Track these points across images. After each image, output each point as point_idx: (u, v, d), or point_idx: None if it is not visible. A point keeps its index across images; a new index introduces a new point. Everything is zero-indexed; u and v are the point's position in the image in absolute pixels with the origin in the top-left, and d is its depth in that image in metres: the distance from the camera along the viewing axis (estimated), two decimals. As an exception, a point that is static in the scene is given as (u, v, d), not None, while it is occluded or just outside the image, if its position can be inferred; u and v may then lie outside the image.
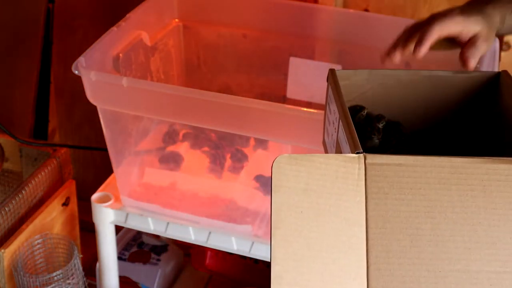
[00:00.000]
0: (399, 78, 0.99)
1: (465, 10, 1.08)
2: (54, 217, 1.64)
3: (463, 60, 1.07)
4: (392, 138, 0.99)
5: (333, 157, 0.76)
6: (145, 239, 1.91)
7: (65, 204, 1.67)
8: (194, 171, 1.55)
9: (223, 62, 1.71)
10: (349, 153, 0.80)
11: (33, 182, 1.59)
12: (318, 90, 1.62)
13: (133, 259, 1.86)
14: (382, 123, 0.98)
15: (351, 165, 0.76)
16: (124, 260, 1.85)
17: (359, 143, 0.79)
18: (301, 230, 0.74)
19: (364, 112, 0.99)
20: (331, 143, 0.95)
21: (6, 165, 1.80)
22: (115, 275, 1.62)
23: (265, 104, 1.25)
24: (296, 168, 0.75)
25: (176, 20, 1.67)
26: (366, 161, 0.76)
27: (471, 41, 1.07)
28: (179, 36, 1.68)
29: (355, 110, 1.00)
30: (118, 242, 1.74)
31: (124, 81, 1.31)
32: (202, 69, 1.73)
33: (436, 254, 0.75)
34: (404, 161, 0.76)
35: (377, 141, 0.97)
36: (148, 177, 1.54)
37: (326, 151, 1.01)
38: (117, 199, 1.52)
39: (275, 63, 1.66)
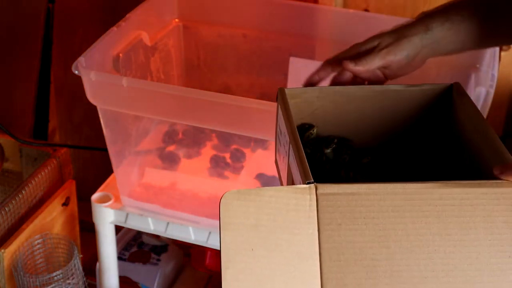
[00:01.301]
0: (350, 95, 0.97)
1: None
2: (54, 217, 1.64)
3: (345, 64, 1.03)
4: (344, 156, 0.96)
5: (282, 189, 0.74)
6: (145, 239, 1.91)
7: (65, 204, 1.67)
8: (194, 171, 1.55)
9: (223, 62, 1.71)
10: (299, 181, 0.78)
11: (33, 182, 1.59)
12: (318, 90, 1.62)
13: (133, 259, 1.86)
14: (331, 147, 0.96)
15: (302, 196, 0.74)
16: (124, 260, 1.85)
17: (309, 173, 0.77)
18: (252, 268, 0.72)
19: (314, 131, 0.96)
20: (283, 166, 0.93)
21: (6, 165, 1.79)
22: (115, 275, 1.62)
23: (265, 104, 1.25)
24: (245, 204, 0.73)
25: (176, 20, 1.67)
26: (318, 191, 0.74)
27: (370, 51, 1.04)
28: (179, 36, 1.68)
29: (304, 129, 0.98)
30: (118, 242, 1.74)
31: (124, 81, 1.31)
32: (202, 69, 1.73)
33: (392, 285, 0.74)
34: (356, 189, 0.74)
35: (327, 167, 0.95)
36: (148, 177, 1.54)
37: (278, 172, 0.98)
38: (117, 199, 1.52)
39: (275, 63, 1.66)
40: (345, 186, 0.74)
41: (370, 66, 1.02)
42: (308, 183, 0.74)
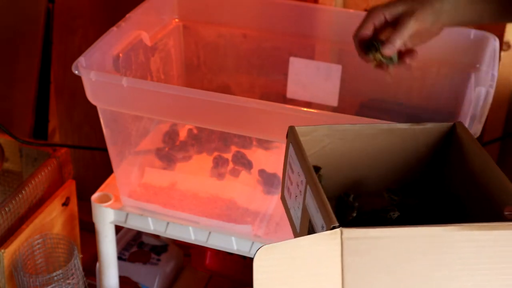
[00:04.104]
0: (358, 132, 0.99)
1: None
2: (54, 217, 1.63)
3: (384, 45, 1.09)
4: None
5: (309, 238, 0.75)
6: (145, 239, 1.91)
7: (65, 204, 1.67)
8: (194, 171, 1.55)
9: (223, 62, 1.71)
10: (321, 223, 0.80)
11: (33, 182, 1.59)
12: (318, 90, 1.62)
13: (133, 259, 1.86)
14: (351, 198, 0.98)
15: (328, 242, 0.75)
16: (124, 260, 1.85)
17: (334, 217, 0.78)
18: None
19: (320, 173, 0.98)
20: (295, 205, 0.94)
21: (6, 165, 1.79)
22: (115, 275, 1.62)
23: (265, 104, 1.25)
24: (276, 257, 0.74)
25: (176, 20, 1.67)
26: (343, 236, 0.75)
27: (397, 24, 1.07)
28: (179, 36, 1.68)
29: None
30: (118, 242, 1.74)
31: (124, 81, 1.31)
32: (202, 69, 1.73)
33: None
34: (380, 233, 0.76)
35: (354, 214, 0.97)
36: (148, 177, 1.54)
37: (286, 208, 0.99)
38: (117, 199, 1.52)
39: (275, 63, 1.66)
40: (370, 230, 0.76)
41: (402, 41, 1.07)
42: (333, 227, 0.76)
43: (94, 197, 1.53)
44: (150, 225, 1.50)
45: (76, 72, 1.33)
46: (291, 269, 0.74)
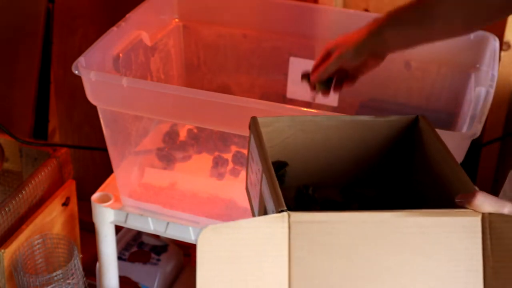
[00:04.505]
0: (320, 124, 1.00)
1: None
2: (54, 217, 1.64)
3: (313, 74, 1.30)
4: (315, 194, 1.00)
5: (257, 220, 0.75)
6: (145, 239, 1.91)
7: (65, 204, 1.67)
8: (194, 171, 1.55)
9: (223, 62, 1.71)
10: (272, 209, 0.80)
11: (33, 182, 1.59)
12: (318, 90, 1.61)
13: (133, 259, 1.86)
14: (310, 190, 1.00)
15: (275, 224, 0.75)
16: (124, 260, 1.85)
17: (283, 201, 0.78)
18: None
19: (286, 168, 0.99)
20: (254, 194, 0.94)
21: (6, 165, 1.80)
22: (115, 275, 1.62)
23: (265, 104, 1.25)
24: (222, 238, 0.74)
25: (176, 20, 1.67)
26: (290, 219, 0.75)
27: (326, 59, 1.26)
28: (179, 36, 1.68)
29: (279, 166, 1.00)
30: (118, 242, 1.74)
31: (124, 81, 1.31)
32: (202, 69, 1.73)
33: None
34: (327, 218, 0.76)
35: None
36: (148, 177, 1.54)
37: (249, 201, 1.00)
38: (117, 199, 1.52)
39: (275, 63, 1.66)
40: (317, 214, 0.76)
41: (327, 74, 1.26)
42: (281, 211, 0.76)
43: (94, 197, 1.53)
44: (150, 225, 1.50)
45: (76, 72, 1.33)
46: (236, 250, 0.74)
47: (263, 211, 0.87)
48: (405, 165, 1.02)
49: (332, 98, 1.62)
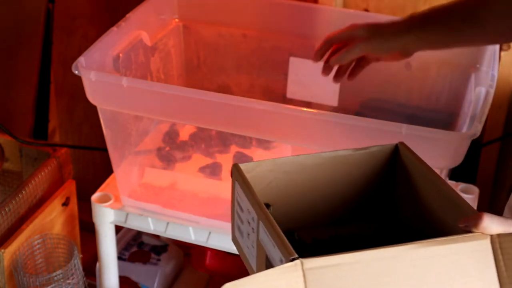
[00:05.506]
0: (302, 163, 0.98)
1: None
2: (54, 217, 1.64)
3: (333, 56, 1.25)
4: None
5: (268, 273, 0.74)
6: (145, 239, 1.91)
7: (65, 204, 1.67)
8: (194, 171, 1.55)
9: (223, 62, 1.71)
10: (279, 256, 0.78)
11: (33, 182, 1.59)
12: (318, 90, 1.62)
13: (133, 259, 1.86)
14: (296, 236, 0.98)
15: (290, 274, 0.73)
16: (124, 260, 1.85)
17: (292, 249, 0.76)
18: None
19: (269, 210, 0.96)
20: (248, 244, 0.92)
21: (6, 165, 1.79)
22: (115, 275, 1.62)
23: (265, 104, 1.25)
24: None
25: (176, 20, 1.67)
26: (304, 267, 0.74)
27: (349, 43, 1.22)
28: (179, 36, 1.69)
29: None
30: (118, 242, 1.74)
31: (124, 81, 1.31)
32: (202, 69, 1.73)
33: None
34: (341, 260, 0.74)
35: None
36: (148, 177, 1.54)
37: (238, 248, 0.98)
38: (117, 199, 1.52)
39: (275, 63, 1.66)
40: (330, 258, 0.74)
41: (349, 59, 1.23)
42: (293, 259, 0.74)
43: (94, 197, 1.53)
44: (150, 225, 1.50)
45: (76, 72, 1.33)
46: None
47: (265, 261, 0.85)
48: (393, 195, 1.01)
49: (332, 98, 1.62)
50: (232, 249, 1.47)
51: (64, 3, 1.95)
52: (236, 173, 0.93)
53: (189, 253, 1.93)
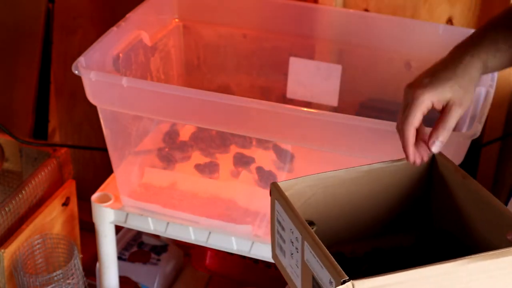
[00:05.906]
0: (340, 178, 0.98)
1: (434, 78, 1.02)
2: (54, 217, 1.64)
3: (428, 143, 0.98)
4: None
5: None
6: (145, 239, 1.91)
7: (65, 204, 1.67)
8: (194, 171, 1.55)
9: (223, 62, 1.71)
10: (329, 278, 0.78)
11: (33, 182, 1.59)
12: (318, 90, 1.62)
13: (133, 259, 1.86)
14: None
15: None
16: (124, 260, 1.85)
17: (342, 271, 0.76)
18: None
19: (313, 229, 0.96)
20: (292, 263, 0.92)
21: (6, 165, 1.79)
22: (115, 275, 1.62)
23: (265, 104, 1.25)
24: None
25: (176, 20, 1.67)
26: None
27: (442, 113, 0.99)
28: (179, 36, 1.68)
29: None
30: (118, 242, 1.74)
31: (124, 81, 1.31)
32: (202, 69, 1.73)
33: None
34: (392, 280, 0.75)
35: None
36: (148, 177, 1.54)
37: (280, 266, 0.97)
38: (117, 199, 1.52)
39: (275, 63, 1.66)
40: (379, 279, 0.75)
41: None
42: (344, 281, 0.75)
43: (94, 197, 1.53)
44: (150, 225, 1.50)
45: (76, 72, 1.33)
46: None
47: (312, 281, 0.85)
48: (432, 205, 1.01)
49: (332, 98, 1.62)
50: (232, 249, 1.47)
51: (64, 3, 1.95)
52: (276, 192, 0.93)
53: (189, 253, 1.93)
